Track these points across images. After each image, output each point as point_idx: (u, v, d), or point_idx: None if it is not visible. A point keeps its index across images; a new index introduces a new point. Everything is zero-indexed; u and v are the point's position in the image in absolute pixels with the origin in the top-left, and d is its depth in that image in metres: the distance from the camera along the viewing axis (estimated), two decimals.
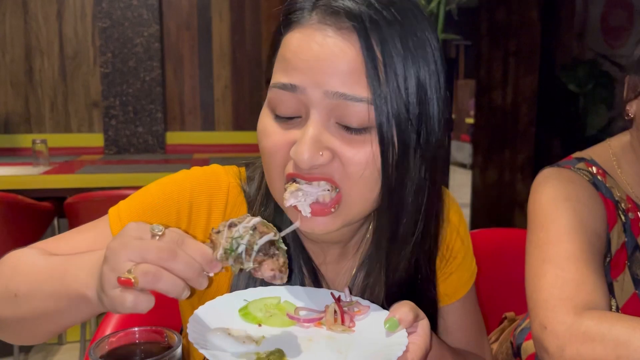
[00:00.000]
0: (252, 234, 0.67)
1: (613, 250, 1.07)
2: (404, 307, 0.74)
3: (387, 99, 0.73)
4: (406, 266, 0.87)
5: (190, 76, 4.19)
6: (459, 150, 9.78)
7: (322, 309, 0.80)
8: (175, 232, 0.66)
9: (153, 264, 0.61)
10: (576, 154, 1.17)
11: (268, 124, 0.79)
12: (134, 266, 0.61)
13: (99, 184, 2.95)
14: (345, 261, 0.94)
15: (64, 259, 0.77)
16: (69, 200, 2.63)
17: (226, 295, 0.81)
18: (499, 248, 1.54)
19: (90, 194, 2.63)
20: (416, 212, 0.81)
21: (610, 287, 1.06)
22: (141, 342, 0.67)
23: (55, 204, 2.92)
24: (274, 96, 0.77)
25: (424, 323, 0.76)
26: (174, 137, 4.18)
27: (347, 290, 0.83)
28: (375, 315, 0.79)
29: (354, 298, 0.83)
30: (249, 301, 0.80)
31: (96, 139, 4.07)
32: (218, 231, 0.67)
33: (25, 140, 3.81)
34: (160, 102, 4.05)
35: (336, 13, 0.74)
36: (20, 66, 3.98)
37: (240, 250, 0.66)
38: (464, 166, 9.32)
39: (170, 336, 0.66)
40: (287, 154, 0.76)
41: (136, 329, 0.67)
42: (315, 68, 0.73)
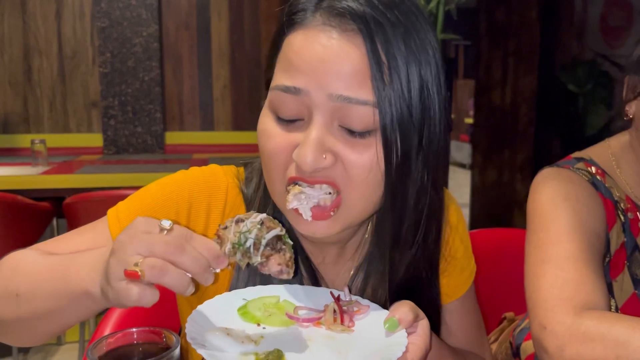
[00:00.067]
0: (260, 228, 0.67)
1: (612, 250, 1.07)
2: (403, 307, 0.74)
3: (391, 101, 0.72)
4: (408, 267, 0.86)
5: (189, 76, 4.19)
6: (458, 150, 9.78)
7: (321, 308, 0.80)
8: (183, 227, 0.66)
9: (160, 257, 0.61)
10: (575, 154, 1.17)
11: (269, 126, 0.78)
12: (141, 259, 0.61)
13: (98, 184, 2.94)
14: (344, 261, 0.93)
15: (64, 257, 0.77)
16: (67, 200, 2.63)
17: (225, 294, 0.81)
18: (498, 248, 1.54)
19: (89, 194, 2.63)
20: (418, 214, 0.81)
21: (610, 287, 1.06)
22: (139, 343, 0.67)
23: (54, 204, 2.91)
24: (275, 98, 0.77)
25: (423, 323, 0.76)
26: (173, 137, 4.18)
27: (346, 290, 0.83)
28: (374, 315, 0.79)
29: (353, 297, 0.82)
30: (247, 300, 0.80)
31: (95, 139, 4.06)
32: (225, 227, 0.68)
33: (24, 140, 3.81)
34: (159, 102, 4.05)
35: (341, 15, 0.73)
36: (19, 66, 3.97)
37: (249, 244, 0.66)
38: (463, 166, 9.32)
39: (168, 337, 0.66)
40: (289, 156, 0.76)
41: (134, 330, 0.67)
42: (319, 70, 0.72)
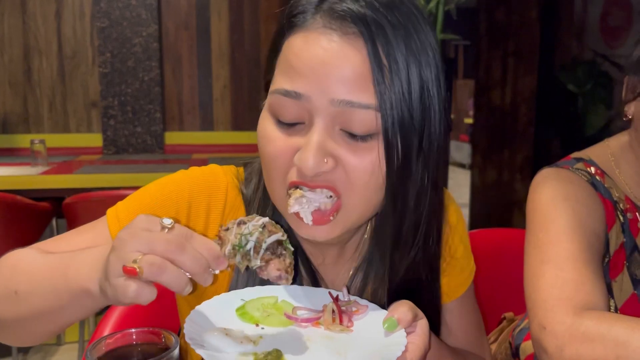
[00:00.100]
0: (262, 232, 0.67)
1: (612, 250, 1.07)
2: (402, 307, 0.74)
3: (392, 104, 0.72)
4: (408, 269, 0.86)
5: (188, 76, 4.18)
6: (458, 150, 9.78)
7: (320, 308, 0.80)
8: (184, 227, 0.66)
9: (160, 255, 0.61)
10: (574, 154, 1.17)
11: (270, 130, 0.78)
12: (140, 257, 0.61)
13: (98, 184, 2.94)
14: (343, 262, 0.93)
15: (64, 255, 0.77)
16: (67, 200, 2.63)
17: (223, 294, 0.81)
18: (498, 248, 1.53)
19: (88, 194, 2.62)
20: (418, 215, 0.81)
21: (609, 287, 1.06)
22: (138, 343, 0.66)
23: (53, 204, 2.91)
24: (275, 102, 0.76)
25: (422, 323, 0.75)
26: (173, 137, 4.17)
27: (345, 290, 0.83)
28: (373, 314, 0.79)
29: (352, 297, 0.82)
30: (246, 301, 0.80)
31: (95, 139, 4.06)
32: (227, 228, 0.68)
33: (24, 140, 3.80)
34: (159, 102, 4.04)
35: (342, 17, 0.73)
36: (19, 66, 3.97)
37: (249, 247, 0.66)
38: (462, 166, 9.32)
39: (167, 337, 0.66)
40: (290, 160, 0.76)
41: (133, 330, 0.67)
42: (320, 74, 0.72)
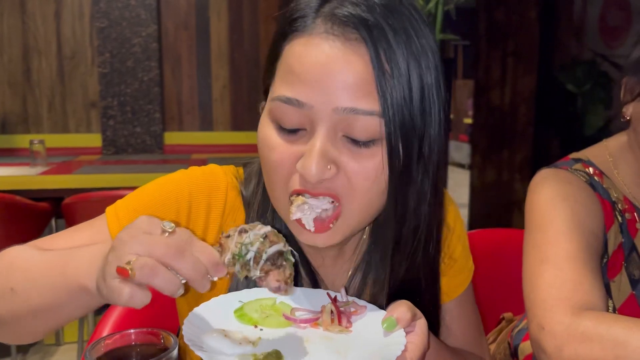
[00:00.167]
0: (263, 242, 0.66)
1: (610, 250, 1.07)
2: (401, 307, 0.74)
3: (395, 109, 0.72)
4: (408, 270, 0.86)
5: (188, 76, 4.18)
6: (457, 150, 9.78)
7: (318, 309, 0.80)
8: (185, 231, 0.65)
9: (159, 259, 0.61)
10: (573, 155, 1.17)
11: (271, 136, 0.77)
12: (135, 258, 0.60)
13: (97, 185, 2.94)
14: (342, 262, 0.93)
15: (63, 252, 0.76)
16: (66, 200, 2.63)
17: (221, 296, 0.80)
18: (497, 248, 1.54)
19: (88, 194, 2.62)
20: (418, 217, 0.81)
21: (607, 287, 1.06)
22: (137, 344, 0.66)
23: (53, 204, 2.91)
24: (277, 108, 0.75)
25: (421, 322, 0.76)
26: (172, 137, 4.17)
27: (343, 291, 0.83)
28: (372, 315, 0.79)
29: (350, 298, 0.82)
30: (244, 302, 0.80)
31: (94, 139, 4.06)
32: (228, 235, 0.67)
33: (23, 140, 3.80)
34: (158, 102, 4.04)
35: (344, 23, 0.72)
36: (18, 66, 3.97)
37: (249, 257, 0.66)
38: (462, 166, 9.32)
39: (166, 338, 0.66)
40: (292, 167, 0.75)
41: (132, 331, 0.67)
42: (323, 82, 0.71)
